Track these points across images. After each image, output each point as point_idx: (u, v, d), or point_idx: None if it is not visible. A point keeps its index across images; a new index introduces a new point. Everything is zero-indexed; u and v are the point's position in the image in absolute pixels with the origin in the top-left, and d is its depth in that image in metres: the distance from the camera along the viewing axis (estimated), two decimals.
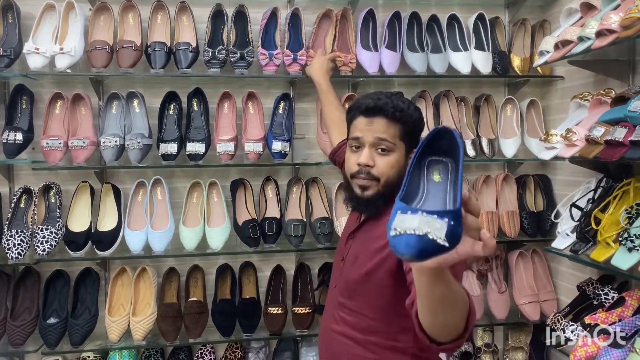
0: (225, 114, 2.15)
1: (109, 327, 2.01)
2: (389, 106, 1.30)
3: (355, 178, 1.34)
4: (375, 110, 1.31)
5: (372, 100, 1.33)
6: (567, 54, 1.82)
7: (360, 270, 1.33)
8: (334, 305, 1.43)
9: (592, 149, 1.70)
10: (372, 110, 1.31)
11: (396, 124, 1.31)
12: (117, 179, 2.18)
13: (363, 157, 1.31)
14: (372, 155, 1.31)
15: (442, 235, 0.68)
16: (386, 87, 2.31)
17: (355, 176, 1.34)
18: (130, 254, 2.04)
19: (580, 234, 1.82)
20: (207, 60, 2.06)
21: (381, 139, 1.30)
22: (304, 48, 2.14)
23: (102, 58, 2.01)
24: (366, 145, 1.32)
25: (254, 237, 2.07)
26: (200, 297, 2.13)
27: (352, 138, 1.36)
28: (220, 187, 2.15)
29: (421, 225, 0.68)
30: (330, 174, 2.31)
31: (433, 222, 0.68)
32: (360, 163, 1.32)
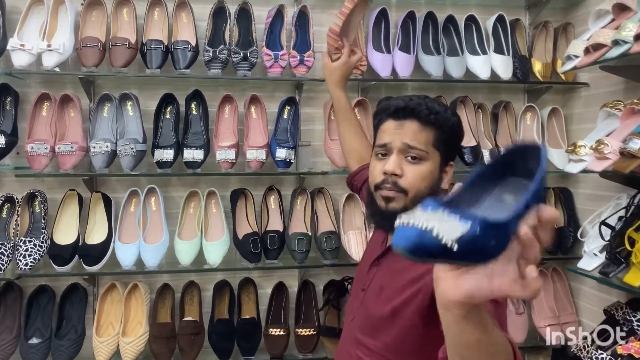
0: (226, 119, 2.00)
1: (96, 348, 1.86)
2: (422, 107, 1.15)
3: (379, 189, 1.17)
4: (406, 112, 1.16)
5: (403, 101, 1.17)
6: (600, 59, 1.68)
7: (386, 306, 1.15)
8: (351, 341, 1.25)
9: (628, 163, 1.56)
10: (402, 112, 1.16)
11: (430, 128, 1.15)
12: (108, 187, 2.03)
13: (390, 165, 1.15)
14: (400, 163, 1.15)
15: (453, 237, 0.53)
16: (399, 91, 2.17)
17: (379, 187, 1.17)
18: (120, 269, 1.88)
19: (611, 254, 1.68)
20: (208, 60, 1.91)
21: (411, 146, 1.14)
22: (311, 49, 1.99)
23: (93, 56, 1.86)
24: (394, 152, 1.16)
25: (254, 252, 1.91)
26: (196, 316, 1.98)
27: (378, 145, 1.20)
28: (219, 197, 2.00)
29: (431, 220, 0.54)
30: (338, 185, 2.16)
31: (448, 221, 0.53)
32: (386, 171, 1.15)
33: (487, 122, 2.15)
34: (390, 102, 1.20)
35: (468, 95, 2.12)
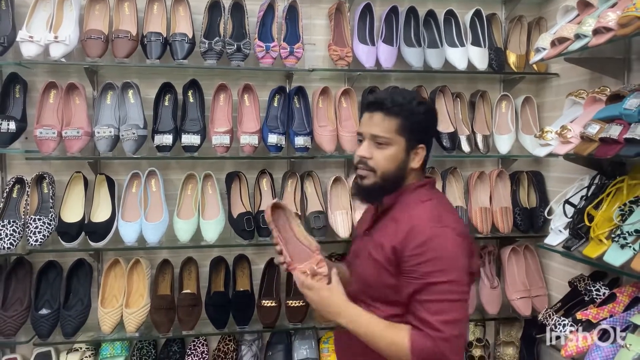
0: (221, 106, 2.14)
1: (101, 318, 2.01)
2: (387, 101, 1.34)
3: (356, 169, 1.40)
4: (375, 105, 1.35)
5: (373, 97, 1.38)
6: (564, 51, 1.83)
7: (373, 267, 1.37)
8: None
9: (587, 146, 1.71)
10: (372, 106, 1.36)
11: (393, 118, 1.33)
12: (111, 170, 2.17)
13: (361, 150, 1.36)
14: (370, 148, 1.35)
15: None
16: (382, 81, 2.31)
17: (356, 167, 1.39)
18: (123, 246, 2.03)
19: (573, 230, 1.83)
20: (204, 51, 2.05)
21: (376, 135, 1.34)
22: (300, 41, 2.13)
23: (97, 48, 1.99)
24: (366, 139, 1.36)
25: (248, 230, 2.06)
26: (193, 289, 2.13)
27: (358, 133, 1.42)
28: (215, 179, 2.15)
29: None
30: (326, 168, 2.31)
31: None
32: (359, 155, 1.37)
33: (464, 110, 2.30)
34: (368, 97, 1.47)
35: (447, 85, 2.27)
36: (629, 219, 1.63)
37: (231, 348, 2.18)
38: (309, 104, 2.20)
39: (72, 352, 2.09)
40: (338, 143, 2.17)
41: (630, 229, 1.59)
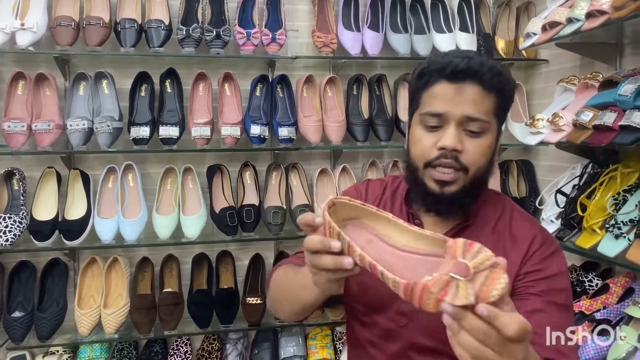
0: (201, 96, 2.05)
1: (78, 320, 1.92)
2: (484, 69, 0.94)
3: (431, 167, 0.97)
4: (467, 74, 0.94)
5: (462, 60, 0.94)
6: (555, 36, 1.78)
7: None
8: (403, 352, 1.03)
9: (580, 134, 1.66)
10: (462, 74, 0.94)
11: (492, 94, 0.96)
12: (86, 164, 2.06)
13: (450, 139, 0.94)
14: (460, 136, 0.95)
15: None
16: (368, 68, 2.24)
17: (432, 164, 0.96)
18: (100, 244, 1.93)
19: (566, 220, 1.79)
20: (181, 39, 1.96)
21: (473, 118, 0.94)
22: (282, 27, 2.05)
23: (67, 35, 1.88)
24: (452, 124, 0.95)
25: (231, 225, 1.99)
26: (175, 287, 2.05)
27: (429, 113, 0.97)
28: (195, 173, 2.06)
29: None
30: (311, 160, 2.24)
31: None
32: (445, 146, 0.94)
33: None
34: (444, 60, 0.96)
35: None
36: (623, 208, 1.59)
37: (215, 347, 2.11)
38: (292, 93, 2.12)
39: (48, 355, 2.00)
40: (324, 134, 2.09)
41: (624, 219, 1.56)
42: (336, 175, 2.17)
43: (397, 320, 1.03)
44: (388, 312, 1.04)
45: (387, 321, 1.04)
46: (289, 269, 1.01)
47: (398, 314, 1.03)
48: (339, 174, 2.17)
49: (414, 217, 1.07)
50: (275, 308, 1.09)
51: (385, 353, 1.04)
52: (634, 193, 1.62)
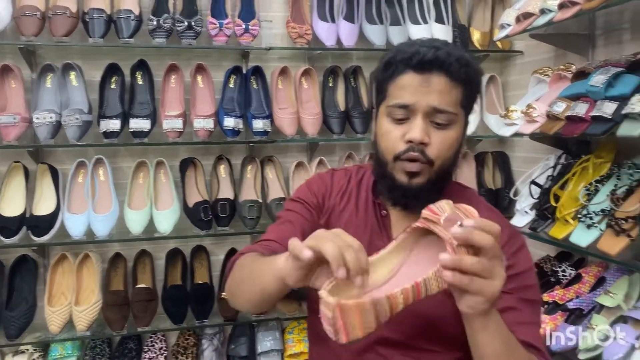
0: (172, 88, 2.01)
1: (49, 317, 1.87)
2: (452, 59, 0.92)
3: (400, 160, 0.95)
4: (434, 64, 0.92)
5: (429, 50, 0.92)
6: (529, 27, 1.78)
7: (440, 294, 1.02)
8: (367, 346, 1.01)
9: (553, 125, 1.67)
10: (429, 64, 0.92)
11: (459, 85, 0.94)
12: (54, 158, 2.01)
13: (417, 132, 0.92)
14: (427, 129, 0.94)
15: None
16: (344, 60, 2.22)
17: (401, 157, 0.95)
18: (70, 240, 1.89)
19: (540, 211, 1.80)
20: (152, 29, 1.91)
21: (440, 110, 0.93)
22: (256, 17, 2.01)
23: (32, 25, 1.83)
24: (419, 115, 0.93)
25: (205, 220, 1.96)
26: (149, 283, 2.02)
27: (396, 105, 0.95)
28: (168, 166, 2.02)
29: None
30: (287, 153, 2.22)
31: None
32: (412, 139, 0.93)
33: None
34: (411, 50, 0.94)
35: None
36: (595, 198, 1.61)
37: (191, 343, 2.08)
38: (267, 85, 2.09)
39: (18, 354, 1.95)
40: (299, 126, 2.07)
41: (596, 209, 1.57)
42: (312, 168, 2.15)
43: None
44: None
45: None
46: (256, 255, 0.95)
47: None
48: (315, 166, 2.15)
49: (380, 208, 1.06)
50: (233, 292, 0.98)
51: (349, 349, 1.01)
52: (606, 183, 1.63)
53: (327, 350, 1.05)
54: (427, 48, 0.93)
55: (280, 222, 1.07)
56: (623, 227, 1.47)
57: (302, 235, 0.97)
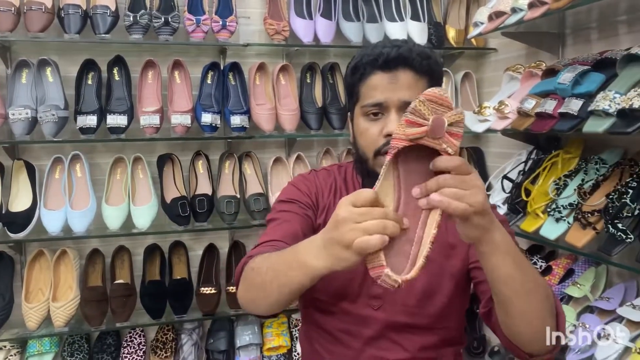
0: (150, 84, 2.01)
1: (26, 314, 1.87)
2: (414, 54, 0.99)
3: (381, 155, 1.01)
4: (399, 62, 0.99)
5: (392, 49, 1.00)
6: (501, 25, 1.81)
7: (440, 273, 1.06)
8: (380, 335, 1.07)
9: (523, 121, 1.71)
10: (394, 62, 0.99)
11: (424, 77, 1.01)
12: (30, 155, 2.00)
13: (394, 124, 0.98)
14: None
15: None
16: (321, 57, 2.24)
17: (382, 152, 1.01)
18: (47, 236, 1.88)
19: (511, 205, 1.85)
20: (128, 25, 1.91)
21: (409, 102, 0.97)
22: (233, 14, 2.02)
23: (6, 21, 1.81)
24: (392, 110, 1.00)
25: (183, 215, 1.97)
26: (127, 279, 2.02)
27: (370, 104, 1.02)
28: (145, 162, 2.02)
29: None
30: (265, 148, 2.23)
31: None
32: (391, 132, 0.97)
33: None
34: (375, 52, 1.01)
35: None
36: (564, 192, 1.65)
37: (170, 338, 2.09)
38: (245, 81, 2.11)
39: None
40: (277, 122, 2.09)
41: (564, 203, 1.62)
42: (291, 164, 2.17)
43: (371, 304, 1.07)
44: (359, 298, 1.07)
45: (360, 307, 1.07)
46: (269, 255, 0.93)
47: (371, 298, 1.07)
48: (293, 162, 2.17)
49: None
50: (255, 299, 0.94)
51: (361, 338, 1.06)
52: (574, 178, 1.68)
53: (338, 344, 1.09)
54: (390, 48, 1.01)
55: (278, 223, 1.08)
56: (589, 221, 1.52)
57: (302, 234, 1.01)
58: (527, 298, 0.84)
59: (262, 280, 0.89)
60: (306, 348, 1.20)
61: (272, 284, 0.87)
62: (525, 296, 0.84)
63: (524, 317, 0.87)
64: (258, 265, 0.92)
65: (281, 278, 0.85)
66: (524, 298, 0.84)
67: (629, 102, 1.32)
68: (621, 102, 1.34)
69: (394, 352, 1.06)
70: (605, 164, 1.62)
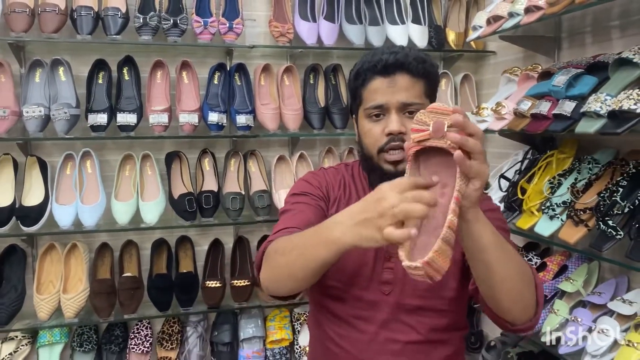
0: (158, 84, 2.08)
1: (37, 305, 1.94)
2: (410, 59, 1.09)
3: (384, 152, 1.10)
4: (396, 67, 1.09)
5: (390, 56, 1.10)
6: (498, 29, 1.87)
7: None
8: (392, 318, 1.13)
9: (519, 122, 1.77)
10: (392, 67, 1.09)
11: (420, 79, 1.11)
12: (43, 151, 2.07)
13: (394, 124, 1.08)
14: (402, 120, 1.09)
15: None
16: (324, 58, 2.30)
17: (384, 150, 1.10)
18: (59, 230, 1.95)
19: (508, 203, 1.90)
20: (138, 27, 1.98)
21: (408, 103, 1.09)
22: (240, 16, 2.09)
23: (22, 22, 1.88)
24: (392, 111, 1.10)
25: (190, 211, 2.03)
26: (134, 272, 2.09)
27: (372, 107, 1.11)
28: (154, 159, 2.09)
29: None
30: (269, 147, 2.30)
31: None
32: (392, 131, 1.08)
33: None
34: (374, 59, 1.11)
35: None
36: (558, 191, 1.71)
37: (176, 330, 2.16)
38: (250, 82, 2.17)
39: (7, 341, 2.02)
40: (281, 121, 2.15)
41: (558, 201, 1.67)
42: (294, 162, 2.23)
43: (382, 289, 1.13)
44: (371, 284, 1.13)
45: (371, 293, 1.13)
46: (291, 236, 0.99)
47: (381, 284, 1.13)
48: (296, 160, 2.23)
49: None
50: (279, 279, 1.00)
51: (373, 322, 1.13)
52: (568, 177, 1.74)
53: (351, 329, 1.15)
54: (388, 54, 1.10)
55: (292, 214, 1.15)
56: (581, 218, 1.58)
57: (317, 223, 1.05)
58: (505, 264, 0.92)
59: (286, 261, 0.96)
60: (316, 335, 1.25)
61: (296, 262, 0.93)
62: (505, 262, 0.92)
63: (504, 284, 0.94)
64: (282, 246, 0.99)
65: (307, 255, 0.91)
66: (503, 264, 0.92)
67: (619, 104, 1.38)
68: (612, 104, 1.40)
69: (407, 334, 1.12)
70: (598, 164, 1.68)
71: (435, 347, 1.14)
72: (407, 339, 1.12)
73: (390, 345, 1.12)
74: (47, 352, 2.03)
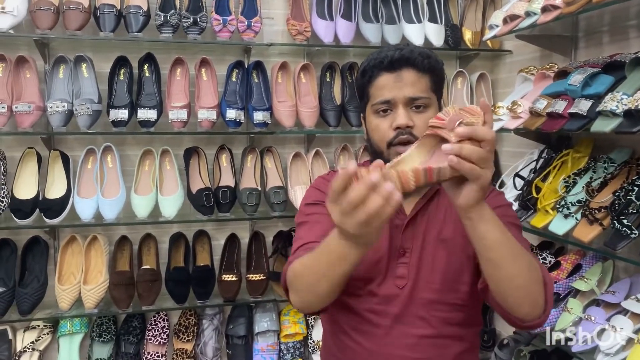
0: (178, 81, 2.12)
1: (59, 295, 1.99)
2: (415, 54, 1.12)
3: (394, 146, 1.12)
4: (402, 62, 1.12)
5: (395, 52, 1.12)
6: (515, 28, 1.88)
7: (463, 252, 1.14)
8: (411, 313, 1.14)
9: (535, 121, 1.78)
10: (397, 63, 1.12)
11: (426, 74, 1.13)
12: (66, 145, 2.12)
13: (402, 118, 1.10)
14: (409, 114, 1.12)
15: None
16: (341, 56, 2.32)
17: (392, 143, 1.12)
18: (80, 222, 2.00)
19: (523, 202, 1.91)
20: (159, 24, 2.02)
21: (414, 98, 1.12)
22: (258, 15, 2.12)
23: (47, 19, 1.93)
24: (399, 105, 1.12)
25: (207, 206, 2.07)
26: (153, 265, 2.13)
27: (380, 102, 1.14)
28: (173, 155, 2.13)
29: None
30: (285, 144, 2.33)
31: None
32: (400, 125, 1.11)
33: None
34: (381, 55, 1.14)
35: None
36: (573, 190, 1.72)
37: (192, 322, 2.20)
38: (267, 79, 2.20)
39: (29, 330, 2.07)
40: (297, 119, 2.18)
41: (573, 200, 1.68)
42: (309, 159, 2.26)
43: (396, 283, 1.15)
44: (386, 279, 1.15)
45: (386, 287, 1.15)
46: (306, 257, 1.01)
47: (396, 278, 1.15)
48: (312, 157, 2.26)
49: None
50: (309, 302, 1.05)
51: (388, 316, 1.15)
52: (583, 176, 1.74)
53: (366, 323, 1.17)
54: (393, 51, 1.13)
55: (310, 225, 1.18)
56: (596, 217, 1.58)
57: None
58: (514, 262, 0.94)
59: (308, 283, 1.00)
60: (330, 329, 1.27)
61: (319, 283, 0.97)
62: (513, 260, 0.94)
63: (511, 282, 0.95)
64: (300, 272, 1.02)
65: (328, 275, 0.95)
66: (511, 262, 0.94)
67: (635, 103, 1.38)
68: (628, 103, 1.41)
69: (421, 328, 1.14)
70: (614, 163, 1.68)
71: (450, 342, 1.16)
72: (422, 333, 1.14)
73: (405, 339, 1.14)
74: (68, 341, 2.08)
